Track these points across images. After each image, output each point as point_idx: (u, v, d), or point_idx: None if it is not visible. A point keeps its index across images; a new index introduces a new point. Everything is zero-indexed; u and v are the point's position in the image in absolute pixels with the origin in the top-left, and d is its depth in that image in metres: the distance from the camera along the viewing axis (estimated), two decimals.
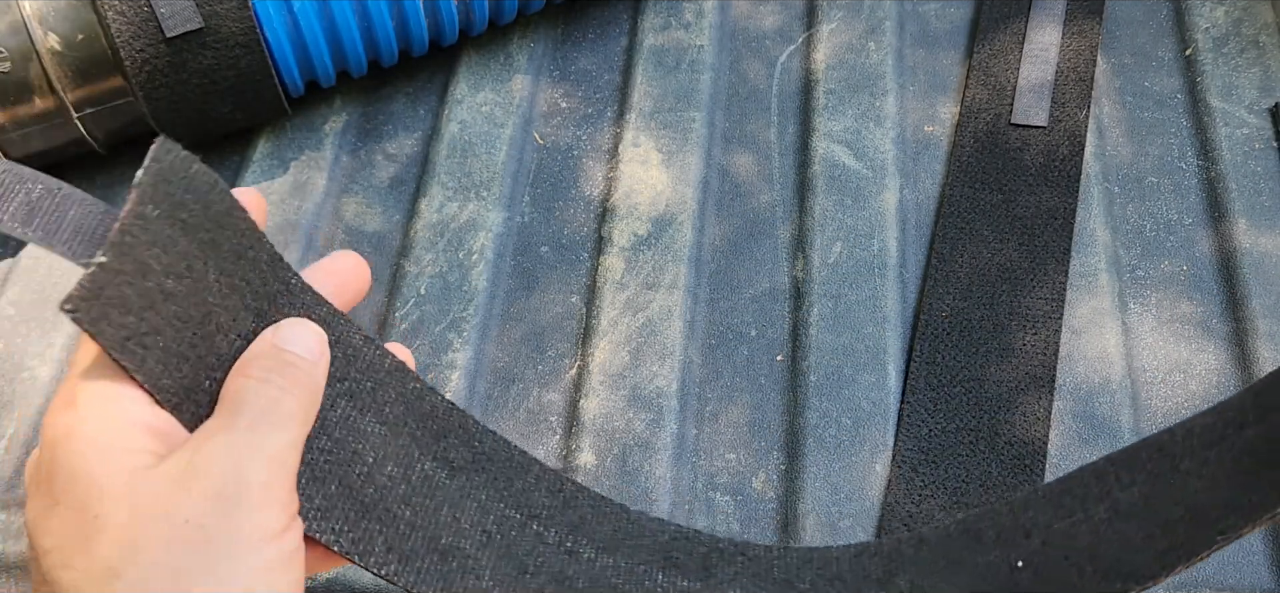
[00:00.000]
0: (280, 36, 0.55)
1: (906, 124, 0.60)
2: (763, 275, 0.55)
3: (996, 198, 0.56)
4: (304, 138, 0.61)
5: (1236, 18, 0.63)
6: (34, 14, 0.52)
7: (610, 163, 0.60)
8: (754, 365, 0.53)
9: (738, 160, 0.60)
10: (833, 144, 0.59)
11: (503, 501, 0.34)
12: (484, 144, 0.60)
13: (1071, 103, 0.59)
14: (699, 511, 0.48)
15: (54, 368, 0.53)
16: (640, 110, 0.61)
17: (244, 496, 0.28)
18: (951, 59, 0.63)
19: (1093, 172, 0.57)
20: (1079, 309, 0.53)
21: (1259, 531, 0.47)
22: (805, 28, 0.64)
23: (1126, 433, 0.49)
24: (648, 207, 0.57)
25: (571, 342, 0.54)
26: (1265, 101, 0.59)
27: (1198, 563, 0.30)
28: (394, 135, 0.62)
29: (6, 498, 0.50)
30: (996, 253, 0.54)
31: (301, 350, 0.32)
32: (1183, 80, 0.61)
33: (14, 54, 0.52)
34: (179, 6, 0.52)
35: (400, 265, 0.56)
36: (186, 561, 0.27)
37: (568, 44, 0.65)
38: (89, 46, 0.53)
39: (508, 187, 0.59)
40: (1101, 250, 0.55)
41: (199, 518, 0.27)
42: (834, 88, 0.61)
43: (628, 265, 0.55)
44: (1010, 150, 0.58)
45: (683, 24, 0.64)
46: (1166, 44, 0.63)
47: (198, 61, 0.54)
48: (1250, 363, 0.51)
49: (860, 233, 0.56)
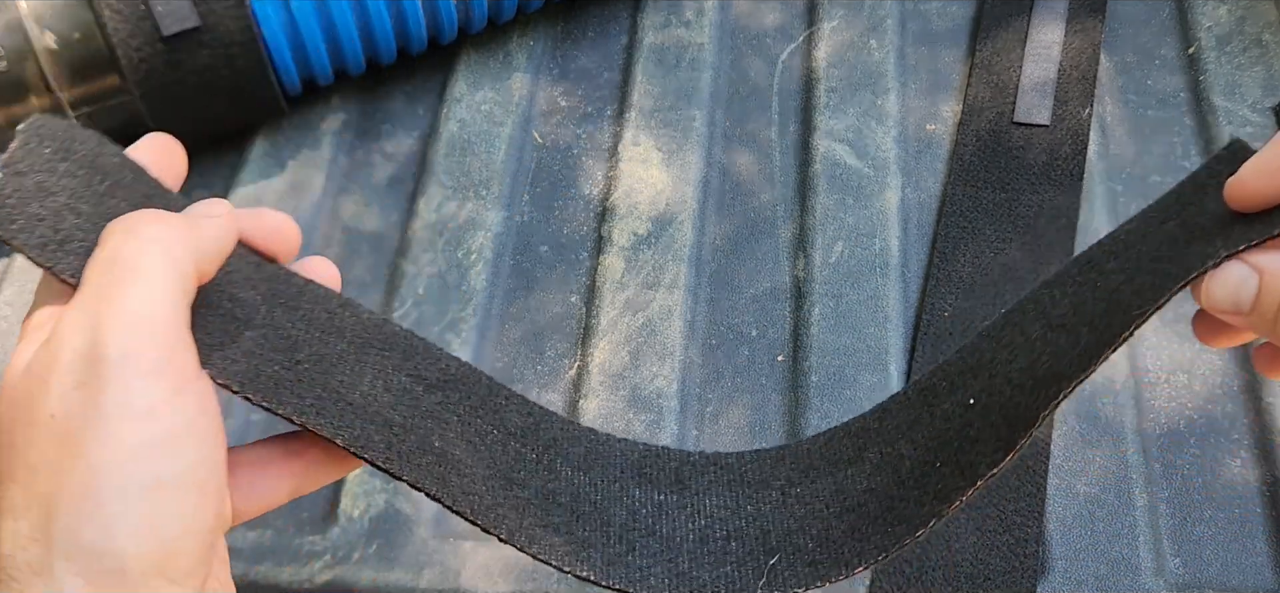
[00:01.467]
0: (277, 35, 0.55)
1: (908, 122, 0.60)
2: (763, 275, 0.55)
3: (999, 197, 0.56)
4: (301, 137, 0.61)
5: (1239, 16, 0.62)
6: (30, 12, 0.52)
7: (610, 162, 0.59)
8: (755, 366, 0.52)
9: (738, 159, 0.59)
10: (834, 143, 0.59)
11: (480, 416, 0.35)
12: (483, 143, 0.60)
13: (1074, 101, 0.59)
14: None
15: None
16: (640, 109, 0.60)
17: (101, 372, 0.25)
18: (953, 57, 0.62)
19: (1096, 170, 0.57)
20: None
21: (1259, 530, 0.46)
22: (806, 26, 0.64)
23: (1129, 433, 0.49)
24: (648, 206, 0.57)
25: (571, 342, 0.53)
26: (1268, 100, 0.59)
27: (1116, 350, 0.31)
28: (392, 134, 0.61)
29: None
30: (999, 252, 0.54)
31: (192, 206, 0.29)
32: (1186, 79, 0.61)
33: (10, 52, 0.52)
34: (176, 5, 0.52)
35: (398, 265, 0.56)
36: (60, 457, 0.25)
37: (567, 42, 0.64)
38: (86, 45, 0.52)
39: (507, 186, 0.58)
40: None
41: (62, 410, 0.25)
42: (835, 86, 0.61)
43: (628, 265, 0.55)
44: (1013, 149, 0.58)
45: (683, 22, 0.64)
46: (1169, 42, 0.62)
47: (195, 60, 0.53)
48: (1251, 363, 0.51)
49: (862, 232, 0.56)
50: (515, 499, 0.33)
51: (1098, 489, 0.48)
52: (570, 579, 0.46)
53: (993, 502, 0.47)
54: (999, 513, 0.47)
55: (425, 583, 0.46)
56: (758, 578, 0.33)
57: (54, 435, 0.25)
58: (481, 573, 0.46)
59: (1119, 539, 0.46)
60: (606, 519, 0.35)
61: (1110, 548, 0.46)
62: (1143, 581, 0.45)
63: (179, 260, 0.27)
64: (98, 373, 0.25)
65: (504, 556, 0.47)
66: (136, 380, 0.25)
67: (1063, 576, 0.46)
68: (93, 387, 0.25)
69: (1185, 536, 0.47)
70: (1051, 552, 0.46)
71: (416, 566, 0.46)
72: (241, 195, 0.58)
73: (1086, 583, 0.46)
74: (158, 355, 0.26)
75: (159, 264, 0.26)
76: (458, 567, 0.46)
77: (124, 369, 0.25)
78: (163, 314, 0.26)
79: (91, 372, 0.25)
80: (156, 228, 0.27)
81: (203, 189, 0.59)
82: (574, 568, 0.33)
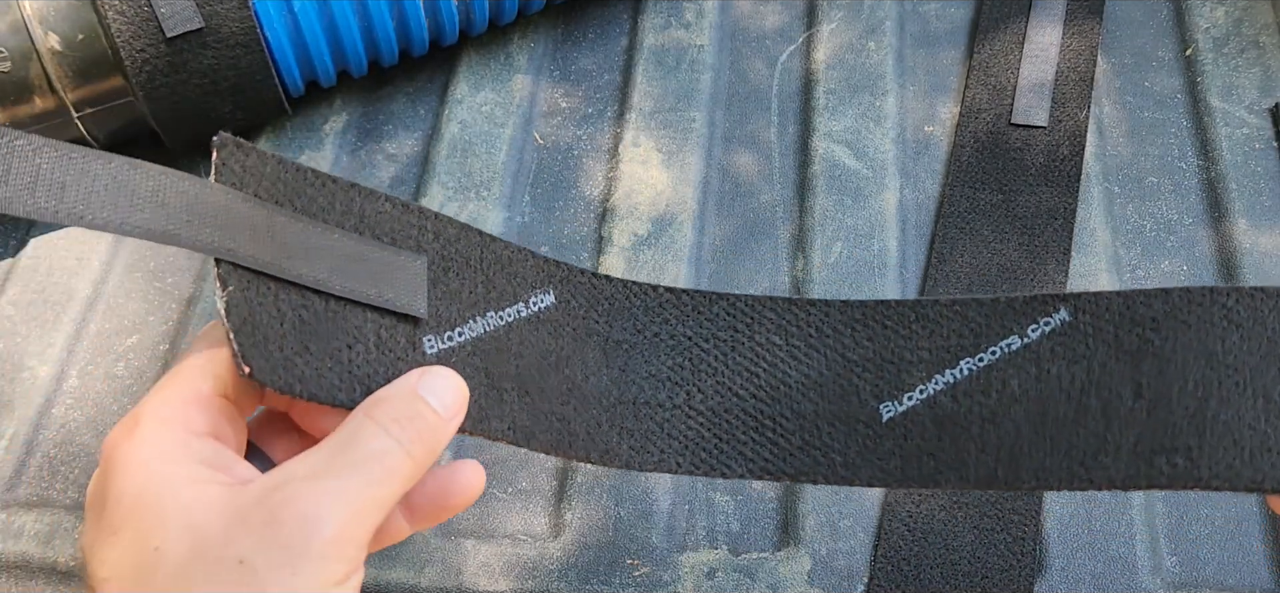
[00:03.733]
0: (280, 36, 0.55)
1: (907, 124, 0.60)
2: (763, 275, 0.55)
3: (997, 198, 0.56)
4: (304, 138, 0.61)
5: (1237, 18, 0.63)
6: (34, 14, 0.52)
7: (610, 163, 0.60)
8: None
9: (738, 160, 0.60)
10: (833, 144, 0.59)
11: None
12: (484, 144, 0.60)
13: (1072, 103, 0.59)
14: (699, 510, 0.48)
15: (54, 367, 0.53)
16: (640, 110, 0.61)
17: (310, 544, 0.27)
18: (952, 59, 0.63)
19: (1093, 171, 0.57)
20: None
21: (1255, 529, 0.47)
22: (806, 27, 0.64)
23: None
24: (648, 206, 0.57)
25: None
26: (1265, 101, 0.59)
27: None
28: (394, 135, 0.62)
29: (7, 498, 0.50)
30: (997, 253, 0.54)
31: (438, 405, 0.30)
32: (1183, 80, 0.61)
33: (14, 54, 0.52)
34: (179, 6, 0.52)
35: None
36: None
37: (568, 44, 0.65)
38: (89, 46, 0.53)
39: (508, 186, 0.59)
40: (1102, 250, 0.55)
41: (252, 559, 0.26)
42: (834, 88, 0.61)
43: (628, 265, 0.55)
44: (1010, 150, 0.58)
45: (683, 23, 0.64)
46: (1167, 44, 0.63)
47: (198, 61, 0.54)
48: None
49: (860, 233, 0.56)
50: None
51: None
52: (571, 577, 0.46)
53: (990, 500, 0.47)
54: (997, 511, 0.47)
55: (427, 581, 0.46)
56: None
57: (234, 582, 0.27)
58: (483, 571, 0.46)
59: (1116, 537, 0.47)
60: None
61: (1107, 546, 0.46)
62: (1140, 579, 0.46)
63: (419, 465, 0.30)
64: (307, 544, 0.27)
65: (505, 553, 0.47)
66: (340, 561, 0.27)
67: (1060, 574, 0.46)
68: (294, 553, 0.27)
69: (1182, 534, 0.47)
70: (1049, 550, 0.47)
71: (418, 563, 0.47)
72: None
73: (1083, 581, 0.46)
74: (363, 541, 0.28)
75: (406, 470, 0.29)
76: (459, 565, 0.47)
77: (334, 549, 0.27)
78: (381, 513, 0.29)
79: (301, 539, 0.27)
80: (422, 427, 0.30)
81: None
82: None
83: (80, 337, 0.55)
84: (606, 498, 0.48)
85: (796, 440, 0.35)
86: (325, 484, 0.28)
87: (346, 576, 0.28)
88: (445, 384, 0.31)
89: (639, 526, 0.48)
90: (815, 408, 0.35)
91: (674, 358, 0.36)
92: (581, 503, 0.48)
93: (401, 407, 0.30)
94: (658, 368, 0.36)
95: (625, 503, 0.48)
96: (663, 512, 0.48)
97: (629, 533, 0.47)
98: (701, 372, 0.36)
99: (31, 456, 0.51)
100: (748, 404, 0.36)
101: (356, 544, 0.28)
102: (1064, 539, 0.47)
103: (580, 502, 0.48)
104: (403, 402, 0.30)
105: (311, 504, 0.27)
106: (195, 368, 0.30)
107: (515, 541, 0.48)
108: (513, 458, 0.50)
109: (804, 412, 0.35)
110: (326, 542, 0.27)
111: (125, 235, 0.28)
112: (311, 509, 0.27)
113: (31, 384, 0.53)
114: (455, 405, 0.31)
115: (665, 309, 0.37)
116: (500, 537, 0.48)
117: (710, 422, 0.36)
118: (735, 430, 0.35)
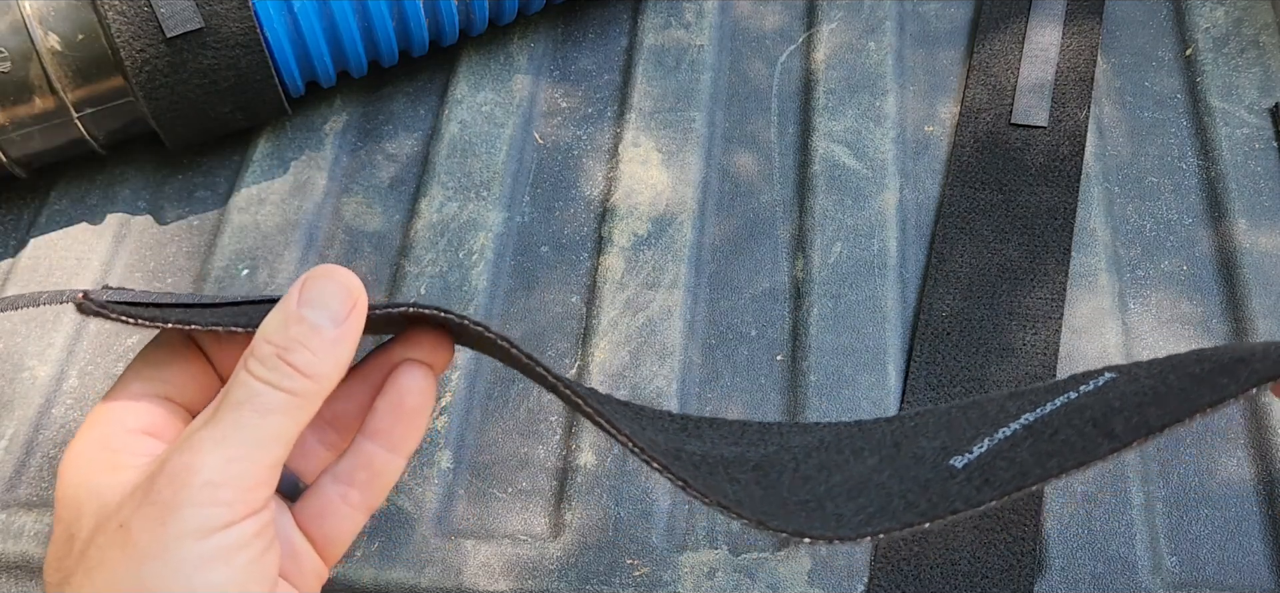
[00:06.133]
0: (280, 36, 0.55)
1: (907, 124, 0.60)
2: (763, 275, 0.55)
3: (996, 198, 0.56)
4: (304, 138, 0.61)
5: (1237, 18, 0.63)
6: (34, 14, 0.52)
7: (610, 163, 0.60)
8: (754, 365, 0.53)
9: (738, 160, 0.60)
10: (833, 144, 0.59)
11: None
12: (484, 144, 0.60)
13: (1072, 103, 0.59)
14: (699, 510, 0.48)
15: (54, 368, 0.53)
16: (640, 110, 0.61)
17: (180, 494, 0.27)
18: (951, 59, 0.63)
19: (1093, 171, 0.57)
20: (1079, 309, 0.53)
21: (1256, 529, 0.47)
22: (805, 27, 0.64)
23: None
24: (648, 206, 0.57)
25: (571, 341, 0.54)
26: (1265, 101, 0.59)
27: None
28: (394, 135, 0.62)
29: (6, 498, 0.50)
30: (997, 252, 0.54)
31: (322, 319, 0.28)
32: (1183, 80, 0.61)
33: (14, 54, 0.52)
34: (179, 7, 0.52)
35: (400, 265, 0.56)
36: (119, 566, 0.26)
37: (568, 44, 0.65)
38: (89, 46, 0.53)
39: (508, 186, 0.59)
40: (1102, 250, 0.55)
41: (130, 520, 0.27)
42: (834, 88, 0.61)
43: (628, 265, 0.55)
44: (1010, 150, 0.58)
45: (683, 24, 0.64)
46: (1167, 44, 0.63)
47: (198, 62, 0.54)
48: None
49: (860, 233, 0.56)
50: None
51: (1095, 488, 0.48)
52: (571, 577, 0.46)
53: None
54: (996, 511, 0.47)
55: (427, 581, 0.46)
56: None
57: (117, 546, 0.27)
58: (483, 571, 0.46)
59: (1116, 538, 0.47)
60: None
61: (1107, 546, 0.47)
62: (1140, 579, 0.46)
63: (308, 393, 0.28)
64: (177, 495, 0.27)
65: (505, 554, 0.47)
66: (216, 505, 0.27)
67: (1060, 574, 0.46)
68: (167, 508, 0.27)
69: (1182, 534, 0.47)
70: (1049, 550, 0.47)
71: (418, 564, 0.47)
72: (244, 196, 0.59)
73: (1083, 581, 0.46)
74: (249, 483, 0.28)
75: (286, 404, 0.28)
76: (459, 565, 0.47)
77: (209, 494, 0.27)
78: (269, 450, 0.28)
79: (171, 493, 0.27)
80: (303, 354, 0.29)
81: (205, 190, 0.60)
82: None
83: (80, 337, 0.55)
84: (606, 498, 0.48)
85: (876, 507, 0.35)
86: (199, 435, 0.28)
87: (230, 521, 0.27)
88: (322, 290, 0.29)
89: (639, 526, 0.48)
90: (887, 479, 0.35)
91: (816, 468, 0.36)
92: (581, 503, 0.48)
93: (277, 335, 0.28)
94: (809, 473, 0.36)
95: (625, 503, 0.48)
96: (662, 512, 0.48)
97: (629, 533, 0.47)
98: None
99: (31, 456, 0.51)
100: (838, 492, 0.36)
101: (237, 488, 0.27)
102: (1064, 539, 0.47)
103: (580, 502, 0.48)
104: (278, 330, 0.28)
105: (186, 457, 0.27)
106: (132, 373, 0.31)
107: (515, 541, 0.48)
108: (513, 458, 0.50)
109: (884, 484, 0.35)
110: (198, 489, 0.27)
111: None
112: (184, 461, 0.27)
113: (31, 384, 0.53)
114: (343, 308, 0.29)
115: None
116: (500, 537, 0.48)
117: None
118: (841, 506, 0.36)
